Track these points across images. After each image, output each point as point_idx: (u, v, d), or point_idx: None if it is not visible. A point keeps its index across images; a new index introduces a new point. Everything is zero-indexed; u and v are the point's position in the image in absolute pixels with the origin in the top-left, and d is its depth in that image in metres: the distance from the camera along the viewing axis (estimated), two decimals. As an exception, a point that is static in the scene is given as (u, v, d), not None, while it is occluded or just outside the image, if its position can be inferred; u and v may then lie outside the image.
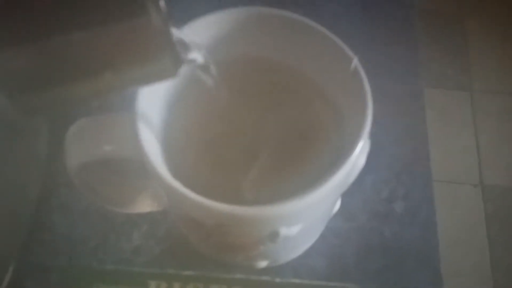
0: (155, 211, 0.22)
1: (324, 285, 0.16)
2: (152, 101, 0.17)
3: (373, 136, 0.19)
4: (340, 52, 0.17)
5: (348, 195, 0.23)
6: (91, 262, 0.20)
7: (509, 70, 1.14)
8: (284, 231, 0.16)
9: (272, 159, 0.17)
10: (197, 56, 0.14)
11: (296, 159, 0.17)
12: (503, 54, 1.15)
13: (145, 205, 0.22)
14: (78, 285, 0.16)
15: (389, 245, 0.23)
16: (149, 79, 0.13)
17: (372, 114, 0.16)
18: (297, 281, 0.16)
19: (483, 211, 0.96)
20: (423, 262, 0.23)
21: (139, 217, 0.24)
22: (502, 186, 0.98)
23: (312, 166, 0.17)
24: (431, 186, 0.25)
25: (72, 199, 0.25)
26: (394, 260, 0.23)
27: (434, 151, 0.96)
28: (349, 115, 0.17)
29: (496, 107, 1.08)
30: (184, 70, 0.15)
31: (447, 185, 0.99)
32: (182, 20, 0.18)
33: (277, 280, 0.16)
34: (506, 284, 0.88)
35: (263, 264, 0.20)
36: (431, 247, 0.23)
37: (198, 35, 0.17)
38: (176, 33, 0.13)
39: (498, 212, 0.95)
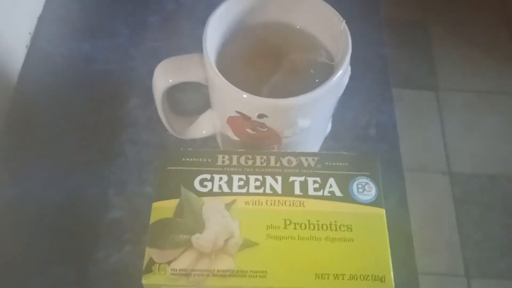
0: (204, 137, 0.32)
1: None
2: (213, 44, 0.26)
3: (351, 86, 0.28)
4: (335, 18, 0.27)
5: (337, 124, 0.33)
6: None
7: (470, 71, 1.22)
8: (300, 122, 0.26)
9: (284, 78, 0.27)
10: None
11: (298, 79, 0.27)
12: (464, 56, 1.23)
13: (197, 133, 0.32)
14: (164, 162, 0.25)
15: (367, 156, 0.33)
16: None
17: (350, 54, 0.26)
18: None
19: (451, 195, 1.05)
20: (390, 164, 0.33)
21: (191, 141, 0.33)
22: (468, 173, 1.07)
23: (306, 84, 0.26)
24: (394, 116, 0.35)
25: (136, 136, 0.34)
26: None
27: (405, 145, 1.03)
28: (337, 57, 0.27)
29: (459, 103, 1.17)
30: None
31: (418, 174, 1.07)
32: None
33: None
34: (474, 259, 0.96)
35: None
36: (395, 155, 0.33)
37: (243, 4, 0.27)
38: None
39: (465, 196, 1.04)
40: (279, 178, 0.25)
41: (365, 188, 0.25)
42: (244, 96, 0.24)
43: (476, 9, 1.32)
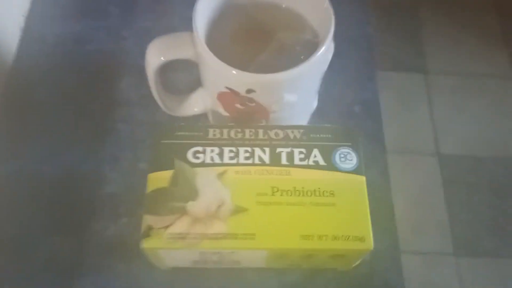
0: (196, 114, 0.33)
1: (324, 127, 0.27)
2: (203, 23, 0.27)
3: (337, 64, 0.29)
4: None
5: (323, 102, 0.35)
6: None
7: (459, 53, 1.23)
8: (286, 96, 0.27)
9: (271, 55, 0.28)
10: None
11: (284, 56, 0.28)
12: (453, 39, 1.25)
13: (189, 110, 0.33)
14: (158, 136, 0.27)
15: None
16: None
17: (333, 31, 0.27)
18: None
19: (440, 177, 1.07)
20: (373, 139, 0.34)
21: (183, 119, 0.34)
22: (456, 154, 1.09)
23: (292, 60, 0.27)
24: (377, 94, 0.36)
25: (129, 114, 0.35)
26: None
27: (394, 127, 1.06)
28: (322, 34, 0.28)
29: (447, 86, 1.19)
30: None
31: (407, 156, 1.09)
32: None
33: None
34: (463, 238, 0.99)
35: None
36: (378, 131, 0.35)
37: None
38: None
39: (453, 177, 1.06)
40: (267, 149, 0.26)
41: (347, 157, 0.26)
42: (233, 72, 0.25)
43: (465, -9, 1.33)
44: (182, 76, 0.36)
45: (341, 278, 0.30)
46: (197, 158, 0.26)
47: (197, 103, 0.33)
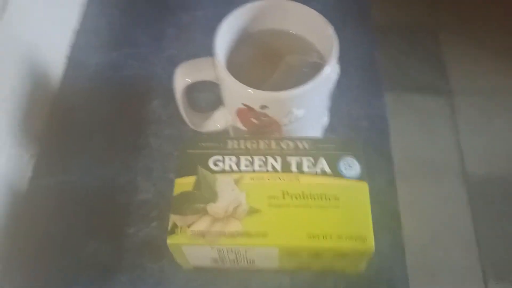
0: (218, 130, 0.37)
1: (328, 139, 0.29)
2: (222, 49, 0.32)
3: (346, 84, 0.32)
4: (324, 24, 0.32)
5: (333, 119, 0.38)
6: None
7: (481, 74, 1.23)
8: (295, 111, 0.31)
9: (282, 75, 0.32)
10: None
11: (293, 76, 0.32)
12: (474, 60, 1.25)
13: (212, 126, 0.37)
14: (184, 147, 0.31)
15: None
16: None
17: (337, 55, 0.31)
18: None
19: (467, 197, 1.06)
20: (380, 150, 0.37)
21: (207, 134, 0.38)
22: (482, 175, 1.09)
23: (300, 80, 0.30)
24: (384, 110, 0.39)
25: (159, 131, 0.40)
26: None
27: (420, 149, 1.05)
28: (326, 57, 0.32)
29: (471, 106, 1.19)
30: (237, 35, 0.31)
31: (434, 177, 1.08)
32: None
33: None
34: (490, 256, 0.98)
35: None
36: (385, 142, 0.38)
37: (246, 15, 0.33)
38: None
39: (480, 197, 1.06)
40: (279, 158, 0.30)
41: (351, 166, 0.29)
42: (249, 90, 0.29)
43: (484, 11, 1.34)
44: (205, 96, 0.40)
45: (350, 280, 0.33)
46: (217, 165, 0.30)
47: (219, 120, 0.37)
